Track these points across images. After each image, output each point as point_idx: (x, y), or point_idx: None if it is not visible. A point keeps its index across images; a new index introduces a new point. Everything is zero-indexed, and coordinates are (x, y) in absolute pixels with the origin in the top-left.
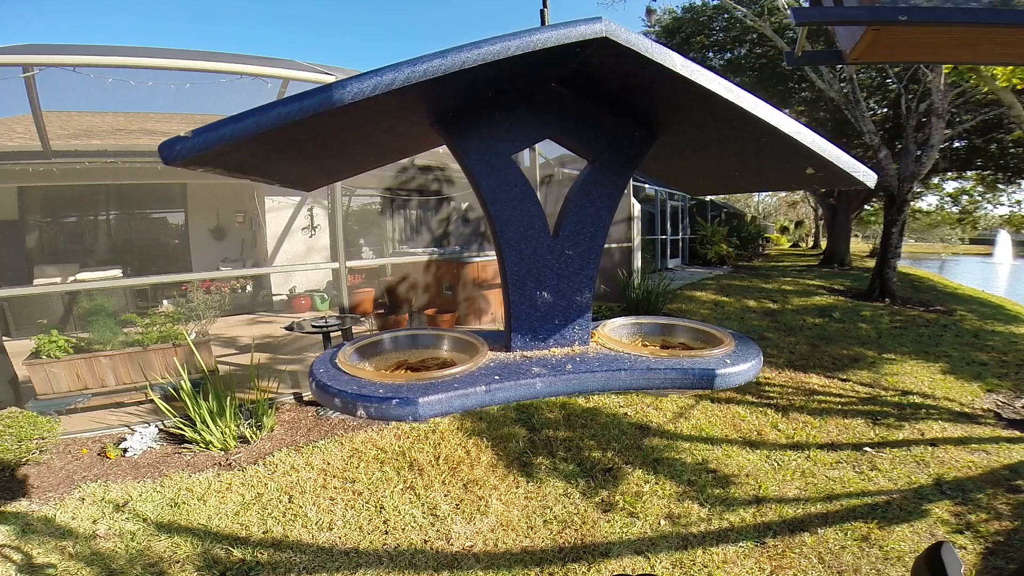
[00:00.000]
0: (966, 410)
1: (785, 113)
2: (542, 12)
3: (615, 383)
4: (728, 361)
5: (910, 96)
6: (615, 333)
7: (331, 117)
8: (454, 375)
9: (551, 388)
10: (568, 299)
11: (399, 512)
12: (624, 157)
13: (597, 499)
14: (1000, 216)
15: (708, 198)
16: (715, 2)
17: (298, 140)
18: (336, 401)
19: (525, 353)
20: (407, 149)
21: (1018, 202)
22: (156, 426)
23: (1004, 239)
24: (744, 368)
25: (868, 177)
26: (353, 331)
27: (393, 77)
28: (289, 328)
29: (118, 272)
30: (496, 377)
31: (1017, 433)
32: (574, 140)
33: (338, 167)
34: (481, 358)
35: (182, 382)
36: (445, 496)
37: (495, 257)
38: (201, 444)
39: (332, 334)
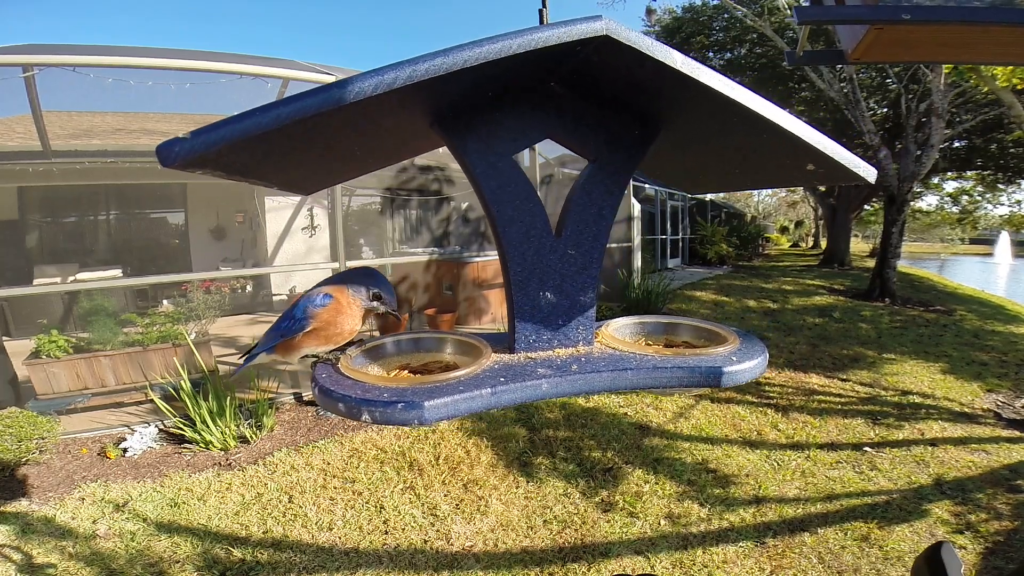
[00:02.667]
0: (966, 410)
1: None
2: (541, 11)
3: (621, 383)
4: (734, 359)
5: (910, 96)
6: (619, 332)
7: (331, 117)
8: (459, 378)
9: (557, 389)
10: (572, 299)
11: (399, 512)
12: (625, 156)
13: (597, 499)
14: (1000, 216)
15: (708, 198)
16: (715, 2)
17: (298, 141)
18: (340, 406)
19: (529, 354)
20: (407, 151)
21: (1018, 202)
22: (156, 426)
23: (1003, 239)
24: (750, 365)
25: (868, 172)
26: None
27: (395, 76)
28: None
29: (118, 272)
30: (501, 379)
31: (1017, 433)
32: (574, 139)
33: (338, 170)
34: (485, 360)
35: (182, 382)
36: (445, 496)
37: (495, 257)
38: (201, 444)
39: None
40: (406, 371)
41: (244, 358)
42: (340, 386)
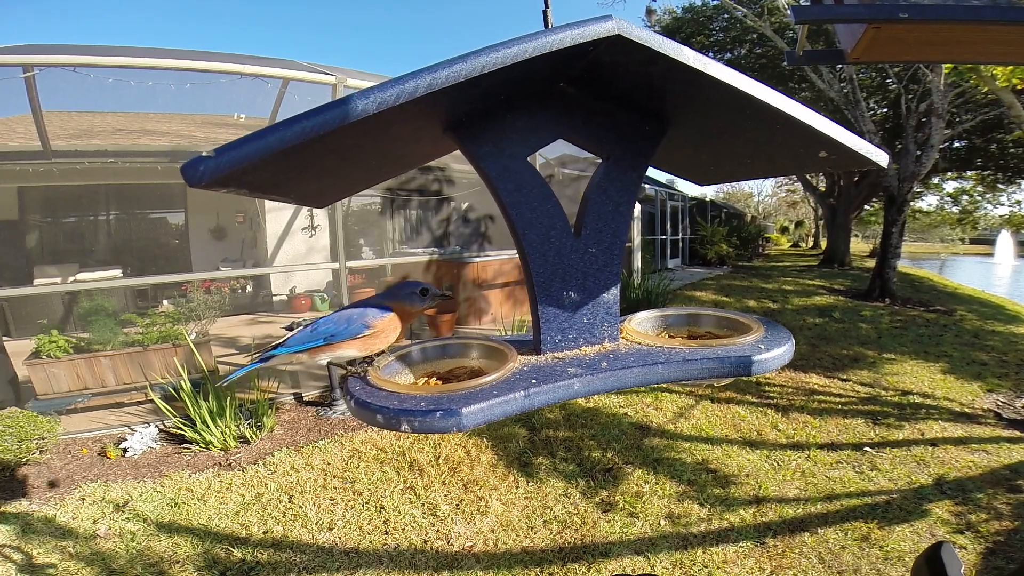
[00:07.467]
0: (966, 410)
1: None
2: (545, 12)
3: (652, 377)
4: (762, 347)
5: (910, 96)
6: (641, 327)
7: (352, 128)
8: (491, 382)
9: (589, 387)
10: (595, 297)
11: (399, 512)
12: (637, 152)
13: (597, 499)
14: (1000, 216)
15: (708, 198)
16: (715, 2)
17: (320, 154)
18: (379, 417)
19: (556, 355)
20: (421, 158)
21: (1018, 202)
22: (156, 426)
23: (1004, 239)
24: (779, 352)
25: (880, 157)
26: None
27: (415, 85)
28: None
29: (118, 272)
30: (533, 381)
31: (1017, 433)
32: (585, 138)
33: (354, 181)
34: (513, 363)
35: (182, 382)
36: (445, 496)
37: (495, 257)
38: (201, 444)
39: None
40: (434, 378)
41: (256, 357)
42: (376, 397)
